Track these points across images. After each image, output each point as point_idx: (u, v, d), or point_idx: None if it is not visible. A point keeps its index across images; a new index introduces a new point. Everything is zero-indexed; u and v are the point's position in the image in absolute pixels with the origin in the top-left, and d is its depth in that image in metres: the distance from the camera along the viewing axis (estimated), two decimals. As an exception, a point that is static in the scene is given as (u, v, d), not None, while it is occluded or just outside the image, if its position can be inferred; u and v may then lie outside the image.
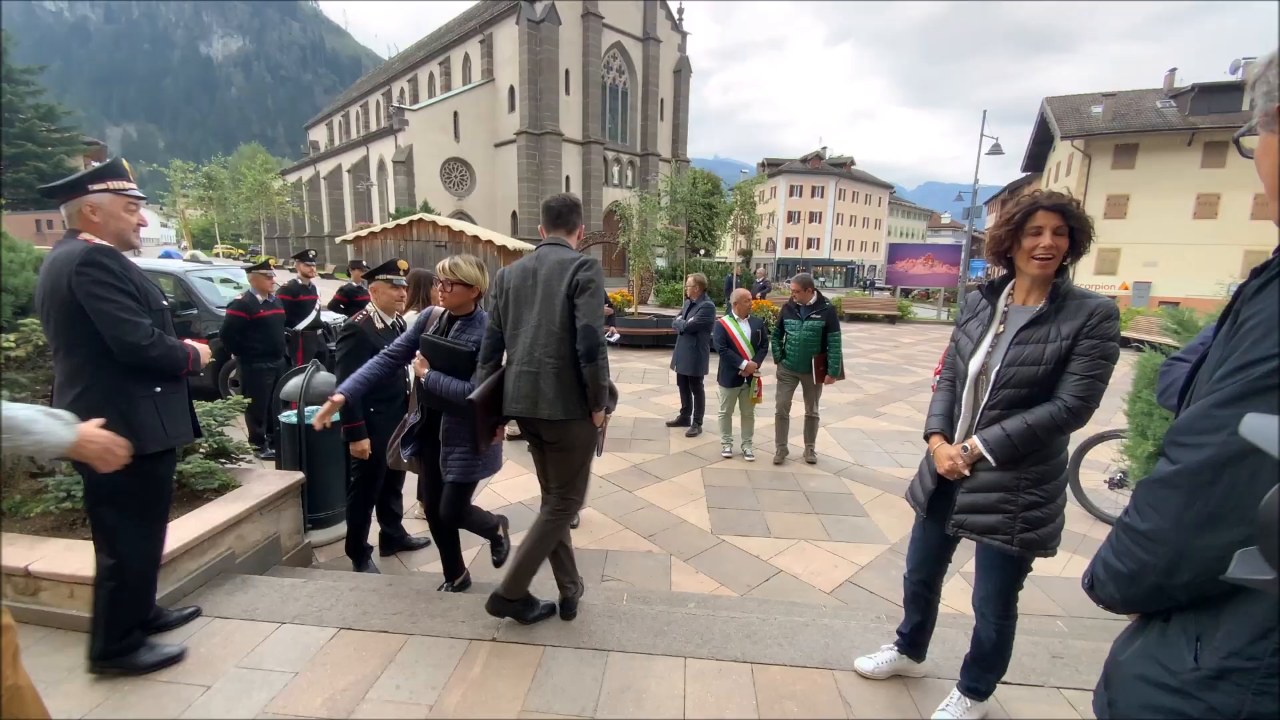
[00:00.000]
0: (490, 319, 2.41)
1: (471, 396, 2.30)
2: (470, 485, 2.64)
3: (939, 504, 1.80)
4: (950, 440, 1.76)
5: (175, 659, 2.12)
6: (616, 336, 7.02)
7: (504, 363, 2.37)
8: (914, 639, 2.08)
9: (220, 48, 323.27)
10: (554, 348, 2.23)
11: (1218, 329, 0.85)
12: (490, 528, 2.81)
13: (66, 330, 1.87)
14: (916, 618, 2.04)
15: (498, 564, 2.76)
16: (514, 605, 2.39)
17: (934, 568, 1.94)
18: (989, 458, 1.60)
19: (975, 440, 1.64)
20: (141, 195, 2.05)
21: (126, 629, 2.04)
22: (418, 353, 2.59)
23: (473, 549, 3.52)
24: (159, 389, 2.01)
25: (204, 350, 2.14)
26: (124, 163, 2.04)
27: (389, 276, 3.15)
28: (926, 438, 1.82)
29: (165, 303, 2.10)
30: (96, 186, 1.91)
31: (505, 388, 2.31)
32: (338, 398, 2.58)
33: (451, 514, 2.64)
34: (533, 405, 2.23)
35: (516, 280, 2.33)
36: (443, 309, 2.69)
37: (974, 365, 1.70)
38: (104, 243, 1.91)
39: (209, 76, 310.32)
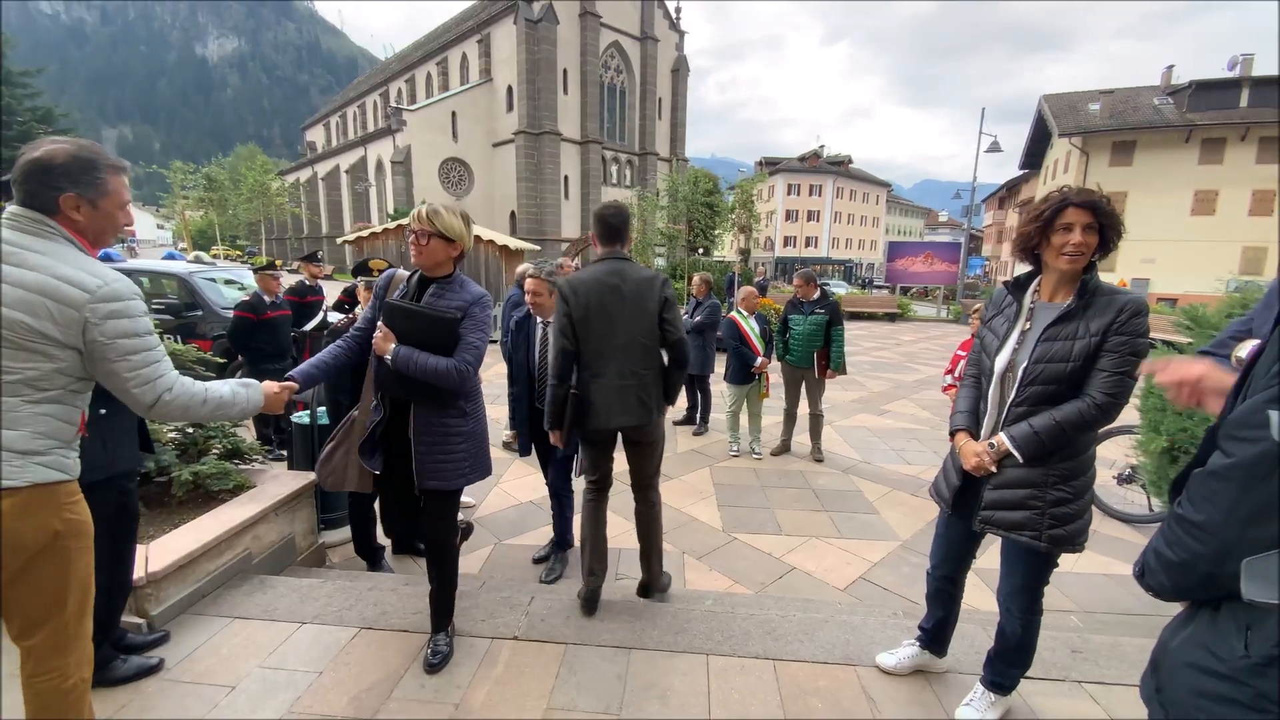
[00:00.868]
0: (564, 336, 2.38)
1: (550, 427, 2.45)
2: (457, 493, 2.21)
3: (964, 500, 1.80)
4: (976, 437, 1.77)
5: (153, 669, 2.05)
6: None
7: (575, 377, 2.43)
8: (936, 634, 2.09)
9: (215, 48, 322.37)
10: (648, 359, 2.42)
11: (1275, 325, 0.87)
12: (451, 583, 2.24)
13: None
14: (939, 613, 2.04)
15: (431, 669, 2.12)
16: (661, 583, 2.76)
17: (958, 564, 1.95)
18: (1016, 455, 1.60)
19: (1002, 437, 1.64)
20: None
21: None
22: (379, 325, 2.03)
23: (485, 548, 3.53)
24: (103, 410, 1.86)
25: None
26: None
27: (366, 278, 3.17)
28: (952, 434, 1.82)
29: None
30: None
31: (594, 401, 2.37)
32: (291, 383, 2.07)
33: (439, 531, 2.16)
34: (638, 414, 2.39)
35: (597, 296, 2.35)
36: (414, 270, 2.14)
37: (1000, 362, 1.70)
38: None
39: (204, 77, 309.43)
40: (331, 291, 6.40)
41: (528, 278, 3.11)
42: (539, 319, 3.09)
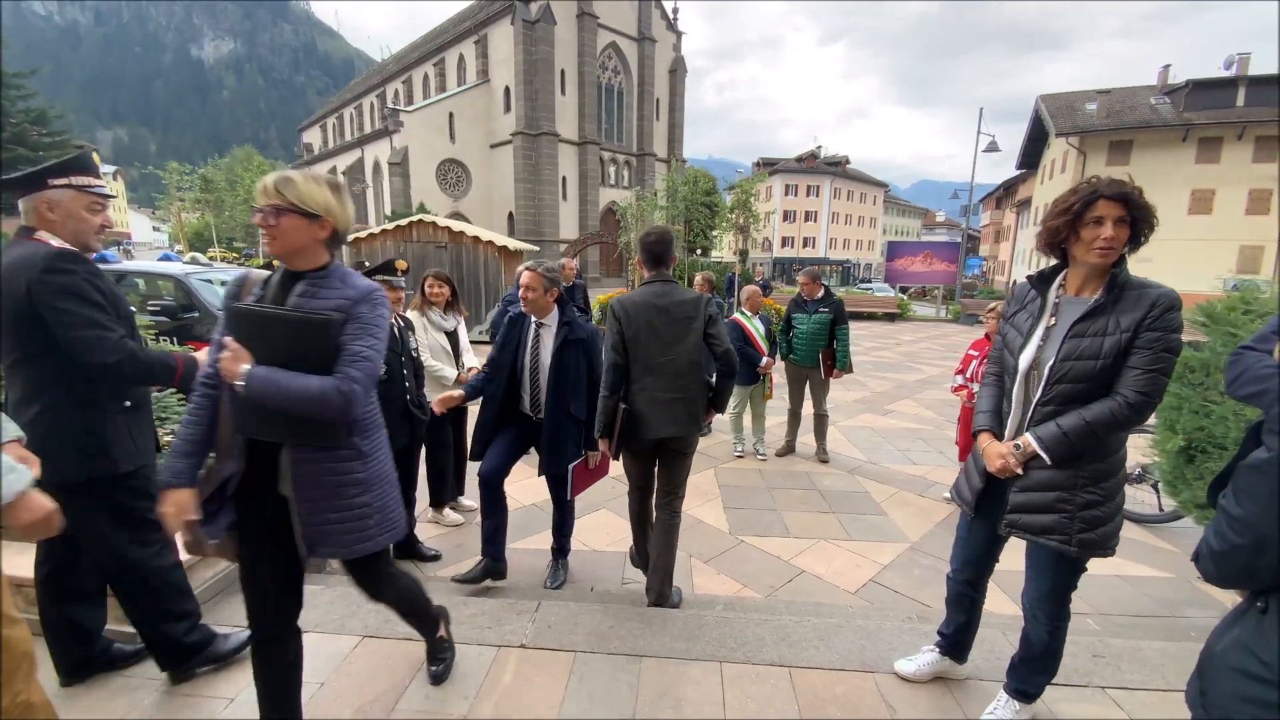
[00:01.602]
0: (615, 352, 2.52)
1: (601, 436, 2.58)
2: (385, 553, 1.78)
3: (987, 502, 1.74)
4: (999, 437, 1.71)
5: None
6: None
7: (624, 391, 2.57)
8: (957, 640, 2.03)
9: (211, 50, 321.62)
10: (695, 374, 2.55)
11: None
12: (429, 618, 2.03)
13: (26, 341, 1.67)
14: (960, 619, 1.99)
15: (437, 680, 2.04)
16: (672, 601, 2.72)
17: (980, 568, 1.89)
18: (1044, 456, 1.54)
19: (1028, 438, 1.58)
20: (108, 194, 1.82)
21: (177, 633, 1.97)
22: (223, 342, 1.44)
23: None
24: (129, 403, 1.84)
25: (201, 358, 1.87)
26: (94, 157, 1.84)
27: (387, 278, 3.07)
28: (975, 435, 1.76)
29: (133, 309, 1.92)
30: (57, 181, 1.71)
31: (644, 413, 2.50)
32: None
33: (381, 595, 1.83)
34: (685, 426, 2.52)
35: (647, 316, 2.52)
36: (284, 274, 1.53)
37: (1024, 360, 1.64)
38: (67, 246, 1.71)
39: (200, 79, 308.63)
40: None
41: (524, 270, 2.80)
42: (534, 319, 2.87)
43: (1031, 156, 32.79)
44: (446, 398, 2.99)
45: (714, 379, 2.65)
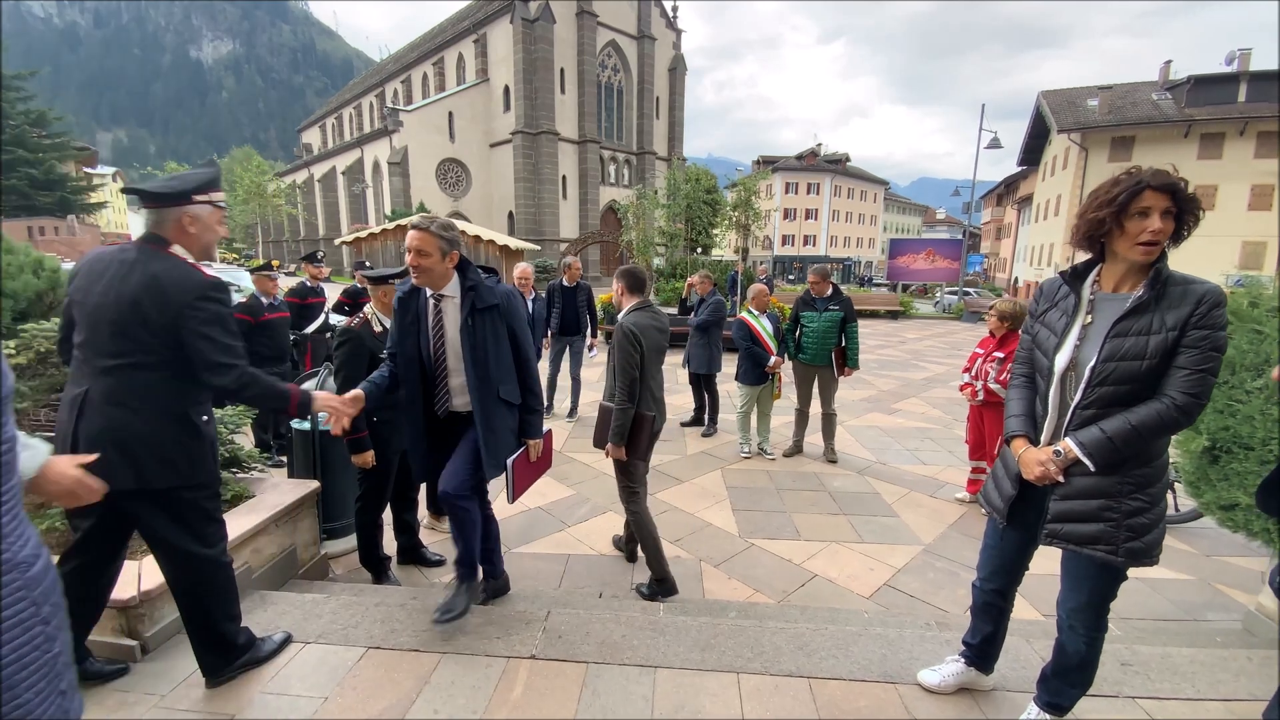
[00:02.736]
0: (635, 369, 2.86)
1: (617, 442, 2.88)
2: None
3: (1019, 509, 1.67)
4: (1034, 442, 1.63)
5: (286, 642, 2.22)
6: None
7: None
8: (983, 651, 1.96)
9: (210, 51, 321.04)
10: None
11: None
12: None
13: (145, 349, 1.72)
14: (987, 628, 1.91)
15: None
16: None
17: (1010, 577, 1.81)
18: (1087, 463, 1.46)
19: (1070, 443, 1.50)
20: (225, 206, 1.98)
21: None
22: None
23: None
24: (205, 418, 1.90)
25: (324, 399, 2.06)
26: (220, 174, 1.96)
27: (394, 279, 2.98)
28: (1007, 440, 1.68)
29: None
30: (200, 198, 1.82)
31: (658, 414, 3.00)
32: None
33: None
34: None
35: (654, 336, 2.95)
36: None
37: (1060, 360, 1.56)
38: (218, 277, 1.83)
39: (199, 80, 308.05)
40: (331, 293, 6.25)
41: (411, 230, 2.22)
42: (429, 293, 2.33)
43: (1033, 153, 32.68)
44: (338, 415, 2.12)
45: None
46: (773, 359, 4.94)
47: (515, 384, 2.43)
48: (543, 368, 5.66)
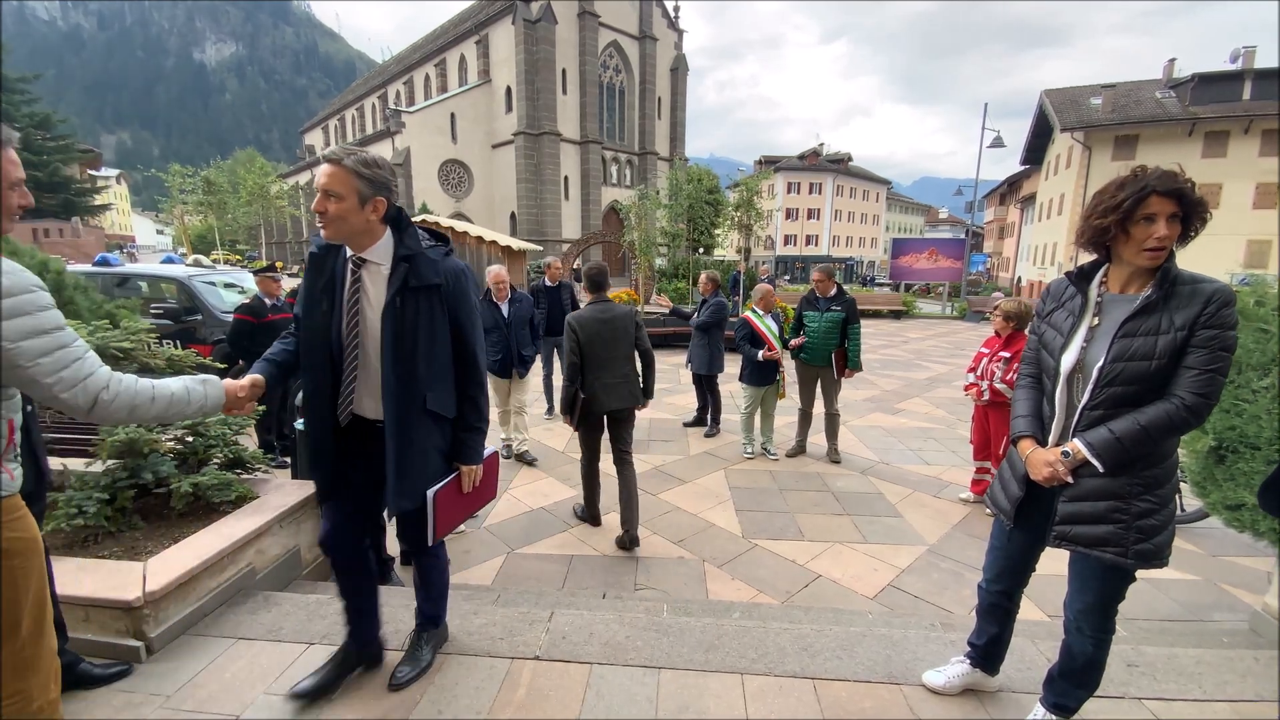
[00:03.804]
0: (574, 354, 3.40)
1: (565, 412, 3.52)
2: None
3: (1026, 511, 1.66)
4: (1042, 443, 1.62)
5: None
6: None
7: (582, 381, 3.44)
8: (989, 652, 1.95)
9: (213, 53, 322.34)
10: (630, 365, 3.55)
11: None
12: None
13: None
14: (993, 629, 1.90)
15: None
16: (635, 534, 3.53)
17: (1016, 578, 1.80)
18: (1095, 464, 1.45)
19: (1078, 444, 1.48)
20: None
21: None
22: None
23: (497, 559, 3.40)
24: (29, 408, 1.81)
25: None
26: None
27: None
28: (1015, 441, 1.67)
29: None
30: None
31: (599, 394, 3.43)
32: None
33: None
34: (629, 400, 3.53)
35: (595, 327, 3.43)
36: None
37: (1067, 361, 1.55)
38: None
39: (202, 82, 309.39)
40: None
41: (323, 163, 1.68)
42: (348, 252, 1.76)
43: (1035, 152, 32.55)
44: (235, 399, 1.69)
45: (642, 370, 3.62)
46: (765, 350, 4.89)
47: (450, 392, 1.88)
48: (537, 370, 5.67)
